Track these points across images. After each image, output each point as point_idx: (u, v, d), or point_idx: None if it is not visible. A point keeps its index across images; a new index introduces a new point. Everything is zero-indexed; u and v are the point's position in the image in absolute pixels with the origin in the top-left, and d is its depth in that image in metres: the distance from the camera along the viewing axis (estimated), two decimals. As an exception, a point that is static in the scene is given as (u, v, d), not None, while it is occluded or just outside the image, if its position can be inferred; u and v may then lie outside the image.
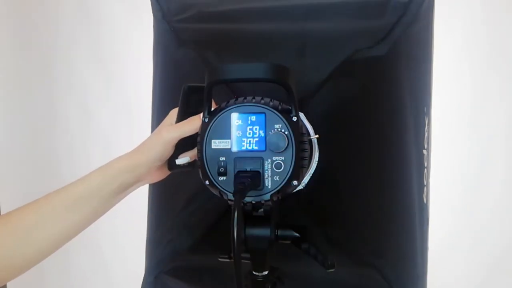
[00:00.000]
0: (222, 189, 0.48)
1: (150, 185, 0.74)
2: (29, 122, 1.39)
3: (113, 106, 1.35)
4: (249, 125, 0.47)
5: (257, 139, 0.47)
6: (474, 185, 1.23)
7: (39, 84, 1.37)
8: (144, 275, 0.74)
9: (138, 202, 0.78)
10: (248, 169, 0.47)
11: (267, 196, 0.47)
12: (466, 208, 1.24)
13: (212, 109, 0.49)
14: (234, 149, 0.48)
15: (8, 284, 1.04)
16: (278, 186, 0.47)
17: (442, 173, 1.02)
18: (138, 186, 0.55)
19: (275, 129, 0.47)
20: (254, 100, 0.48)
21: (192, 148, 0.55)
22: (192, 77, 0.66)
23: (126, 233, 1.30)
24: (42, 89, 1.38)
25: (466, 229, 1.24)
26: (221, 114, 0.48)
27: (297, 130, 0.47)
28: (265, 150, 0.47)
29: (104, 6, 1.31)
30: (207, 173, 0.48)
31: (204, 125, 0.48)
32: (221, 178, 0.48)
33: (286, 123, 0.47)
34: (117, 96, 1.35)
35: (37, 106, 1.38)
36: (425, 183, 0.71)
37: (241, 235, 0.49)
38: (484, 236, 1.24)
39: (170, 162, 0.55)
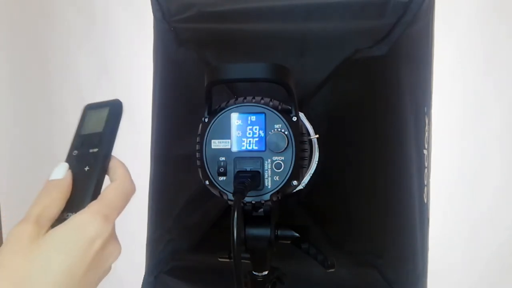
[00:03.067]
0: (222, 189, 0.48)
1: (150, 185, 0.74)
2: (28, 122, 1.39)
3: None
4: (249, 125, 0.47)
5: (257, 139, 0.47)
6: (474, 184, 1.23)
7: (37, 84, 1.37)
8: (144, 275, 0.74)
9: (138, 202, 0.78)
10: (248, 169, 0.47)
11: (267, 196, 0.47)
12: (466, 207, 1.24)
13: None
14: (234, 149, 0.48)
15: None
16: (278, 186, 0.47)
17: (442, 173, 1.02)
18: None
19: (275, 129, 0.47)
20: (254, 100, 0.48)
21: None
22: (192, 77, 0.66)
23: (126, 233, 1.30)
24: (41, 89, 1.38)
25: (466, 229, 1.25)
26: (221, 114, 0.48)
27: (297, 130, 0.47)
28: (265, 150, 0.47)
29: (104, 6, 1.31)
30: (207, 173, 0.48)
31: (204, 125, 0.48)
32: (221, 178, 0.48)
33: (286, 123, 0.47)
34: (117, 96, 1.34)
35: (36, 105, 1.38)
36: (425, 183, 0.71)
37: (241, 235, 0.49)
38: (484, 235, 1.24)
39: None
